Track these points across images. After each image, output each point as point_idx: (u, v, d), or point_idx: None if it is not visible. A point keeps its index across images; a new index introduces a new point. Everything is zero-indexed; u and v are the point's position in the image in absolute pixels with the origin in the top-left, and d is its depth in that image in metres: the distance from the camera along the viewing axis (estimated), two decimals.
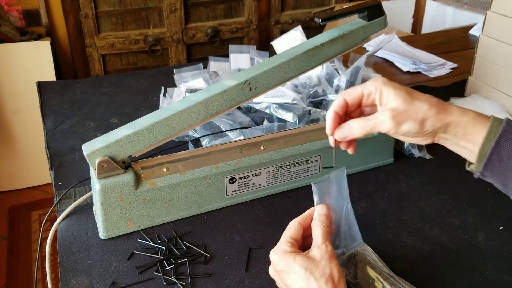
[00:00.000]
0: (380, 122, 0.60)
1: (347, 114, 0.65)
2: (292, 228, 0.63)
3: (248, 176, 0.83)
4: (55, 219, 0.81)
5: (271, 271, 0.62)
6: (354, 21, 0.84)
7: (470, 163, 0.61)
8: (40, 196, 2.25)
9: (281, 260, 0.59)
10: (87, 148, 0.72)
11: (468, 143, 0.59)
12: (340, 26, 0.83)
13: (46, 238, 0.77)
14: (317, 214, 0.63)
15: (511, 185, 0.59)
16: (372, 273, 0.67)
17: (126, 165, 0.75)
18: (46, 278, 0.78)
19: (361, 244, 0.70)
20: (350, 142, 0.66)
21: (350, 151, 0.67)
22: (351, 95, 0.63)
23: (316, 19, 0.79)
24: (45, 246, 0.77)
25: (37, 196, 2.25)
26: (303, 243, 0.64)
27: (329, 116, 0.64)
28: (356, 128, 0.62)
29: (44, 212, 2.16)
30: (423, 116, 0.58)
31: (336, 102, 0.64)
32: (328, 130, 0.64)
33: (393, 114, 0.59)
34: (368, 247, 0.71)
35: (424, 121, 0.59)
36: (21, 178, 2.26)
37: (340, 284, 0.57)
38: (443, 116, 0.59)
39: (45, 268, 0.77)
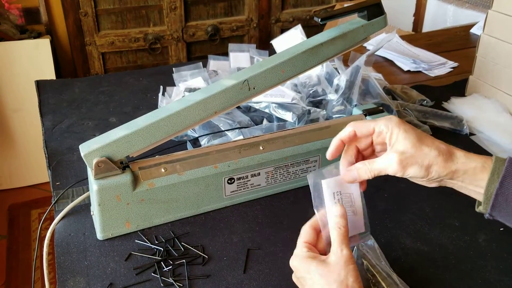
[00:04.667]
0: (386, 166, 0.61)
1: (359, 151, 0.66)
2: (304, 233, 0.62)
3: (246, 177, 0.82)
4: (54, 218, 0.81)
5: (294, 278, 0.62)
6: (354, 20, 0.83)
7: (479, 204, 0.62)
8: (40, 194, 2.25)
9: (300, 266, 0.59)
10: (84, 148, 0.71)
11: (477, 187, 0.60)
12: (339, 25, 0.83)
13: (45, 237, 0.77)
14: (332, 216, 0.60)
15: None
16: (370, 271, 0.66)
17: (124, 165, 0.75)
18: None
19: (366, 235, 0.66)
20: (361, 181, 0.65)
21: (361, 188, 0.66)
22: (361, 128, 0.63)
23: (315, 19, 0.79)
24: (43, 246, 0.77)
25: (37, 195, 2.24)
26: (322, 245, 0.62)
27: (334, 142, 0.64)
28: (364, 171, 0.63)
29: (44, 211, 2.16)
30: (429, 163, 0.59)
31: (345, 132, 0.64)
32: (328, 154, 0.65)
33: (400, 158, 0.60)
34: (374, 242, 0.68)
35: (429, 167, 0.60)
36: (21, 177, 2.26)
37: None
38: (450, 164, 0.60)
39: (43, 268, 0.77)
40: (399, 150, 0.60)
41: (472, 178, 0.60)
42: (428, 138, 0.61)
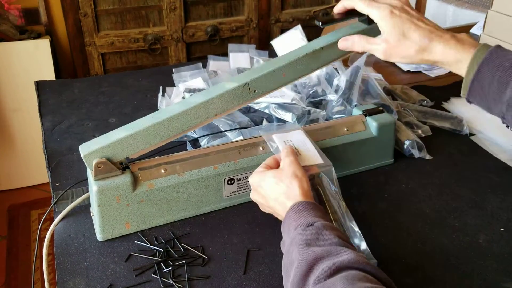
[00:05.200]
0: (375, 50, 0.73)
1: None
2: (267, 159, 0.74)
3: (246, 177, 0.82)
4: (54, 219, 0.81)
5: (251, 194, 0.74)
6: (355, 25, 0.83)
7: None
8: (40, 195, 2.24)
9: (256, 177, 0.72)
10: (84, 149, 0.71)
11: (459, 71, 0.69)
12: (340, 29, 0.83)
13: (45, 237, 0.77)
14: (284, 148, 0.76)
15: (494, 109, 0.67)
16: (321, 196, 0.74)
17: (124, 166, 0.75)
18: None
19: (327, 167, 0.77)
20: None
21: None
22: (354, 5, 0.75)
23: (316, 22, 0.79)
24: (43, 246, 0.77)
25: (37, 195, 2.24)
26: None
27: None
28: (358, 44, 0.75)
29: (44, 211, 2.15)
30: (409, 55, 0.70)
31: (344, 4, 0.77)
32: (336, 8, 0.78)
33: (385, 48, 0.71)
34: (334, 173, 0.76)
35: (410, 58, 0.71)
36: (21, 177, 2.25)
37: (303, 180, 0.68)
38: (427, 58, 0.70)
39: (43, 268, 0.77)
40: (386, 39, 0.71)
41: (452, 66, 0.69)
42: (413, 32, 0.69)
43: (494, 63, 0.64)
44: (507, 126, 0.69)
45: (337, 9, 0.78)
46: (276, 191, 0.69)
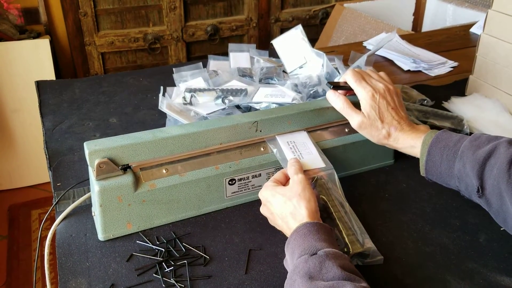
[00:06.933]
0: (354, 117, 0.80)
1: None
2: (276, 174, 0.77)
3: (248, 178, 0.82)
4: (55, 218, 0.81)
5: (260, 209, 0.76)
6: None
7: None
8: (40, 194, 2.25)
9: (266, 193, 0.74)
10: (90, 146, 0.72)
11: (416, 155, 0.78)
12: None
13: (46, 237, 0.77)
14: (289, 162, 0.78)
15: (451, 184, 0.74)
16: (324, 200, 0.76)
17: (125, 166, 0.75)
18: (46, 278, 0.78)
19: (328, 170, 0.80)
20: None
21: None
22: (348, 81, 0.83)
23: (327, 85, 0.89)
24: (45, 246, 0.77)
25: (37, 195, 2.24)
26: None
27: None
28: (340, 105, 0.82)
29: (44, 211, 2.16)
30: (376, 137, 0.80)
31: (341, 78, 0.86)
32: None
33: (361, 121, 0.79)
34: (335, 175, 0.79)
35: (377, 139, 0.80)
36: (21, 177, 2.26)
37: (311, 199, 0.70)
38: (391, 144, 0.80)
39: (45, 268, 0.77)
40: (365, 116, 0.79)
41: (413, 150, 0.78)
42: (386, 118, 0.79)
43: (440, 144, 0.74)
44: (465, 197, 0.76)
45: (342, 80, 0.85)
46: (283, 210, 0.70)
